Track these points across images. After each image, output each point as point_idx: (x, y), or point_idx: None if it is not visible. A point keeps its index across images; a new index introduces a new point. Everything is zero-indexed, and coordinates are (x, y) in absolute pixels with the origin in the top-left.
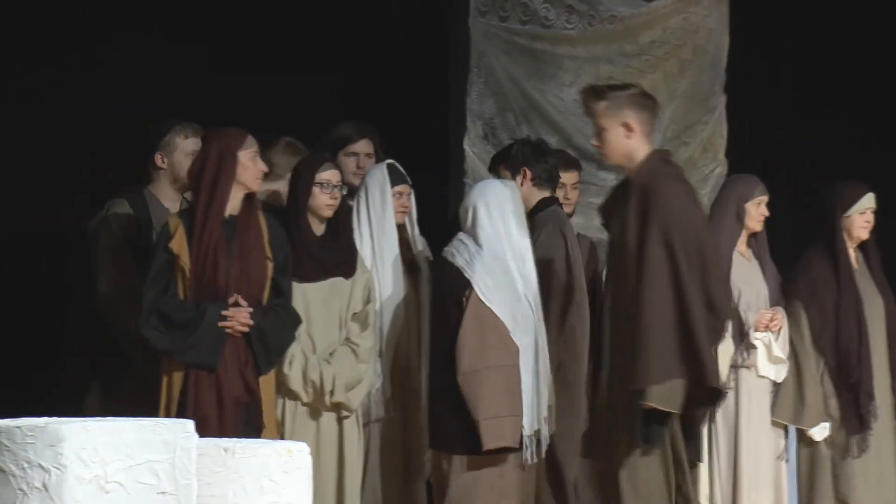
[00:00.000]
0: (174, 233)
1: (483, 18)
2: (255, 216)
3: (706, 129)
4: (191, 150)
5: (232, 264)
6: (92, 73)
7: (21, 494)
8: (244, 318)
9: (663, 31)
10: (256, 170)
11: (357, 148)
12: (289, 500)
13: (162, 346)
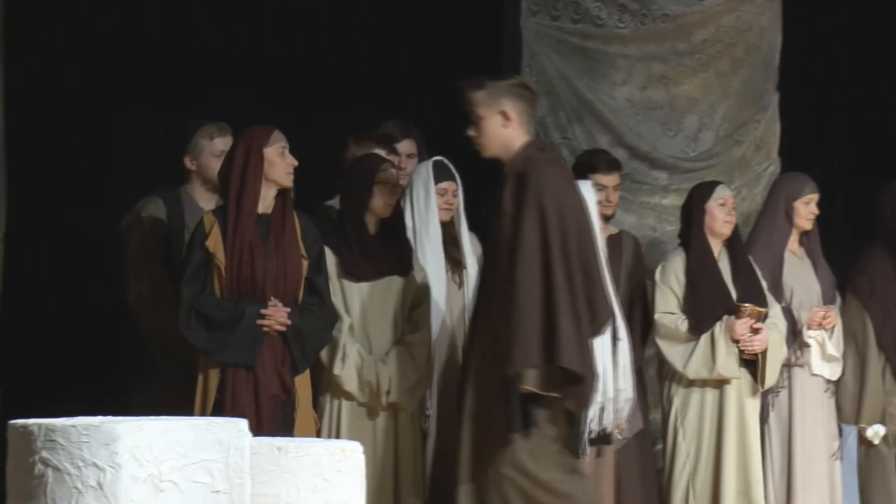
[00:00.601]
0: (209, 231)
1: (535, 18)
2: (290, 213)
3: (759, 127)
4: (219, 150)
5: (269, 262)
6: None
7: (76, 493)
8: (282, 317)
9: (716, 29)
10: (285, 165)
11: (400, 148)
12: (342, 499)
13: (201, 345)
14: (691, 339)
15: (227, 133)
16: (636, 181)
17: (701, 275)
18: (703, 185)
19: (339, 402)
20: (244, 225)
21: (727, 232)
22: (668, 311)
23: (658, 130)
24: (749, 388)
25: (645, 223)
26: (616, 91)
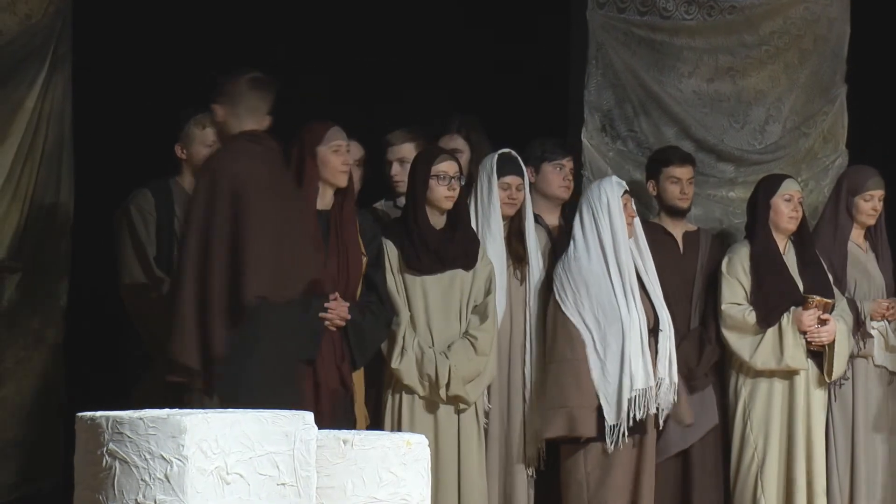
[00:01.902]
0: None
1: (601, 10)
2: (349, 211)
3: (827, 119)
4: (211, 140)
5: (330, 259)
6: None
7: (144, 485)
8: (343, 312)
9: (784, 21)
10: (339, 163)
11: (446, 143)
12: (407, 491)
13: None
14: (759, 331)
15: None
16: (703, 174)
17: (766, 267)
18: (769, 178)
19: (401, 395)
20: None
21: (792, 227)
22: (734, 303)
23: (725, 123)
24: (816, 380)
25: (712, 216)
26: (683, 83)
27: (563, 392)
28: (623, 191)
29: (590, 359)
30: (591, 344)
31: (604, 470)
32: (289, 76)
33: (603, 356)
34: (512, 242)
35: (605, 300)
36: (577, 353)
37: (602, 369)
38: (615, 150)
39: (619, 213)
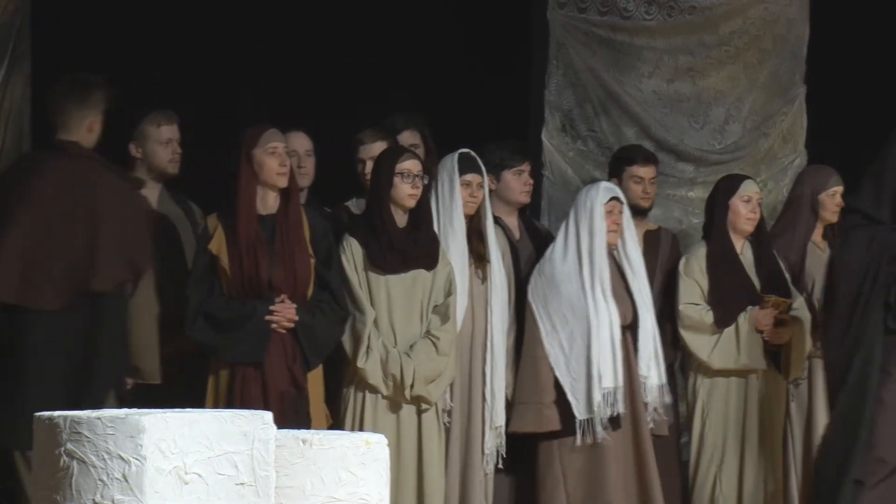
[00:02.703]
0: (213, 233)
1: (562, 10)
2: (295, 213)
3: (786, 119)
4: (165, 138)
5: (275, 262)
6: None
7: (102, 485)
8: (290, 313)
9: (743, 21)
10: (276, 165)
11: (401, 138)
12: (367, 491)
13: (210, 346)
14: (716, 330)
15: (174, 121)
16: (663, 174)
17: (723, 268)
18: (728, 179)
19: (363, 394)
20: (245, 226)
21: (750, 228)
22: (692, 303)
23: (685, 123)
24: (774, 379)
25: (672, 216)
26: (643, 83)
27: (531, 388)
28: (610, 197)
29: (555, 356)
30: (557, 341)
31: (587, 464)
32: (251, 75)
33: (569, 353)
34: (473, 241)
35: (574, 299)
36: (545, 350)
37: (567, 366)
38: (575, 149)
39: (600, 216)
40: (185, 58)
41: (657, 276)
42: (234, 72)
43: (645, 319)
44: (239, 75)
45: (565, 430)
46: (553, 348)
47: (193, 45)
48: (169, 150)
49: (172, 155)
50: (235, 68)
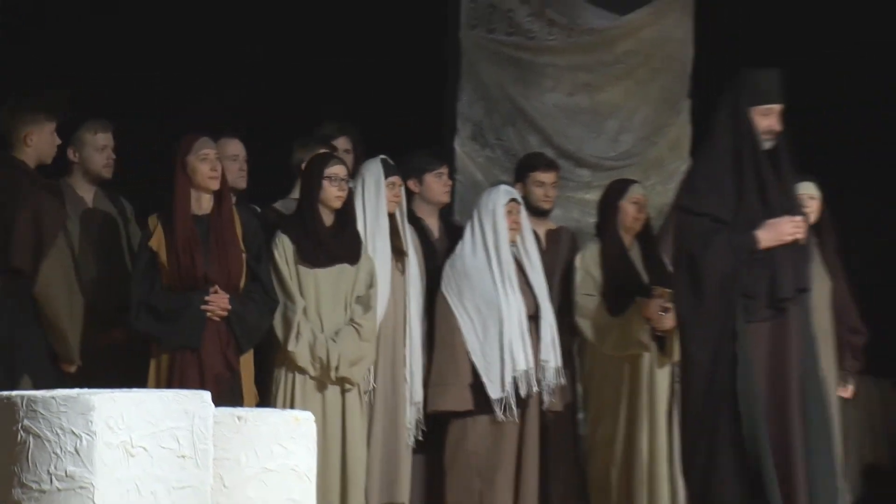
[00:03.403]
0: (153, 232)
1: (473, 31)
2: (227, 213)
3: (673, 130)
4: (101, 144)
5: (210, 258)
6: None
7: (55, 458)
8: (223, 303)
9: (636, 42)
10: (207, 170)
11: (336, 144)
12: (296, 463)
13: (152, 335)
14: (608, 319)
15: (109, 129)
16: (563, 178)
17: (614, 262)
18: (618, 183)
19: (293, 376)
20: (181, 226)
21: (637, 227)
22: (587, 294)
23: (583, 133)
24: (659, 363)
25: (570, 216)
26: (545, 97)
27: (450, 371)
28: (509, 198)
29: (472, 342)
30: (471, 329)
31: (493, 441)
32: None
33: (483, 339)
34: (393, 238)
35: (486, 291)
36: (461, 337)
37: (482, 351)
38: (484, 156)
39: (502, 216)
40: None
41: (558, 269)
42: (180, 83)
43: (545, 309)
44: (184, 87)
45: (477, 410)
46: (469, 335)
47: (114, 52)
48: (104, 155)
49: (107, 160)
50: (181, 80)
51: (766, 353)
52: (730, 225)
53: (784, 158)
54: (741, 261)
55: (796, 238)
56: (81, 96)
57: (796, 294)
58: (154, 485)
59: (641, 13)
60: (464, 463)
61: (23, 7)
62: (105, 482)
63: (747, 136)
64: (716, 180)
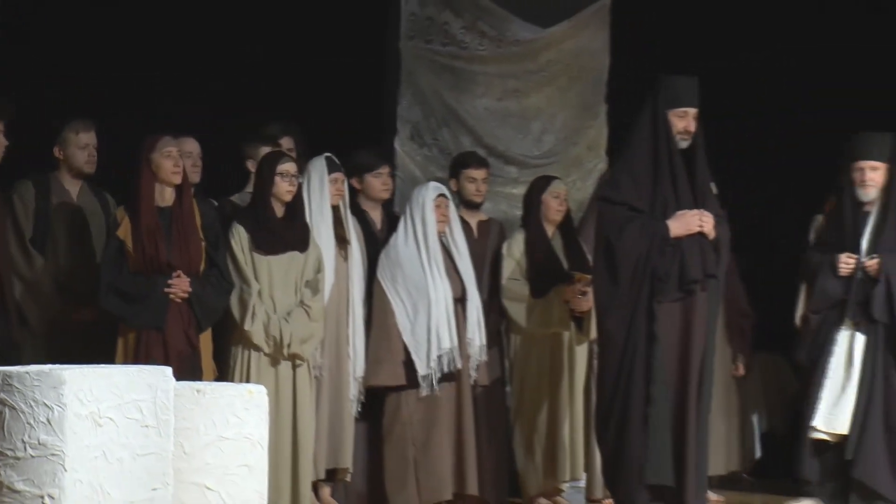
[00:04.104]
0: (121, 222)
1: (411, 42)
2: (188, 204)
3: (591, 132)
4: (83, 143)
5: (172, 246)
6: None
7: (29, 427)
8: (185, 286)
9: (557, 52)
10: (170, 166)
11: (281, 143)
12: (250, 431)
13: (120, 315)
14: (532, 301)
15: (91, 129)
16: (492, 174)
17: (538, 250)
18: (541, 179)
19: (249, 353)
20: (146, 217)
21: (558, 219)
22: (513, 278)
23: (510, 134)
24: (577, 339)
25: (499, 208)
26: (477, 102)
27: (385, 350)
28: (438, 194)
29: (403, 324)
30: (403, 312)
31: (426, 412)
32: (159, 85)
33: (413, 321)
34: (337, 228)
35: (416, 277)
36: (394, 319)
37: (412, 331)
38: (422, 154)
39: (431, 210)
40: (91, 67)
41: (488, 257)
42: (144, 85)
43: (471, 293)
44: (146, 88)
45: (410, 384)
46: (401, 317)
47: (100, 55)
48: (85, 153)
49: (89, 157)
50: (141, 82)
51: (676, 331)
52: (645, 214)
53: (698, 157)
54: (653, 246)
55: (703, 229)
56: (65, 95)
57: (704, 278)
58: (120, 452)
59: (562, 26)
60: (399, 433)
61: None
62: (75, 449)
63: (664, 135)
64: (635, 174)
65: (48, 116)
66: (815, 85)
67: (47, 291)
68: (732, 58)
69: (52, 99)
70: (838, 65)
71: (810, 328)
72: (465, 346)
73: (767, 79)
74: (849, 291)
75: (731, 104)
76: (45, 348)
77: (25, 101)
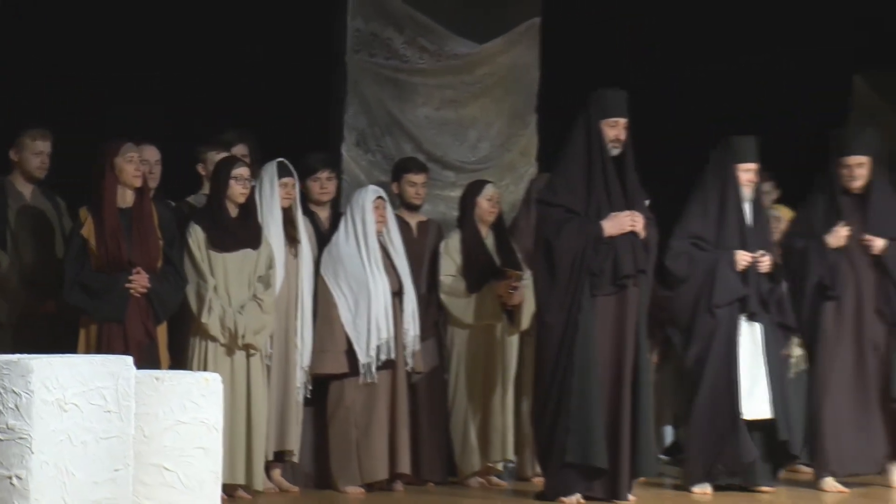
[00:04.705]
0: (84, 222)
1: (357, 55)
2: (147, 206)
3: (522, 139)
4: (38, 150)
5: (132, 245)
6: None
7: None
8: (144, 282)
9: (492, 66)
10: (132, 169)
11: (235, 151)
12: (206, 416)
13: (84, 309)
14: (467, 295)
15: (48, 139)
16: (431, 179)
17: (472, 249)
18: (475, 183)
19: (206, 343)
20: (108, 218)
21: (491, 220)
22: (450, 274)
23: (448, 141)
24: (509, 331)
25: (438, 210)
26: (418, 111)
27: (329, 340)
28: (377, 196)
29: (345, 316)
30: (345, 305)
31: (367, 397)
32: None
33: (354, 313)
34: (287, 227)
35: (357, 273)
36: (337, 311)
37: (354, 323)
38: (367, 160)
39: (370, 211)
40: (43, 74)
41: (427, 255)
42: (102, 92)
43: (407, 287)
44: (109, 98)
45: (352, 372)
46: (343, 310)
47: (52, 61)
48: (38, 160)
49: (41, 164)
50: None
51: (610, 322)
52: (580, 216)
53: (628, 163)
54: (589, 245)
55: (635, 228)
56: (19, 101)
57: (636, 273)
58: (84, 435)
59: (496, 42)
60: (342, 417)
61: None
62: (41, 433)
63: (597, 144)
64: (570, 179)
65: (1, 121)
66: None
67: (13, 287)
68: (653, 76)
69: (6, 104)
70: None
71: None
72: (401, 337)
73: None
74: (748, 286)
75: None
76: (13, 339)
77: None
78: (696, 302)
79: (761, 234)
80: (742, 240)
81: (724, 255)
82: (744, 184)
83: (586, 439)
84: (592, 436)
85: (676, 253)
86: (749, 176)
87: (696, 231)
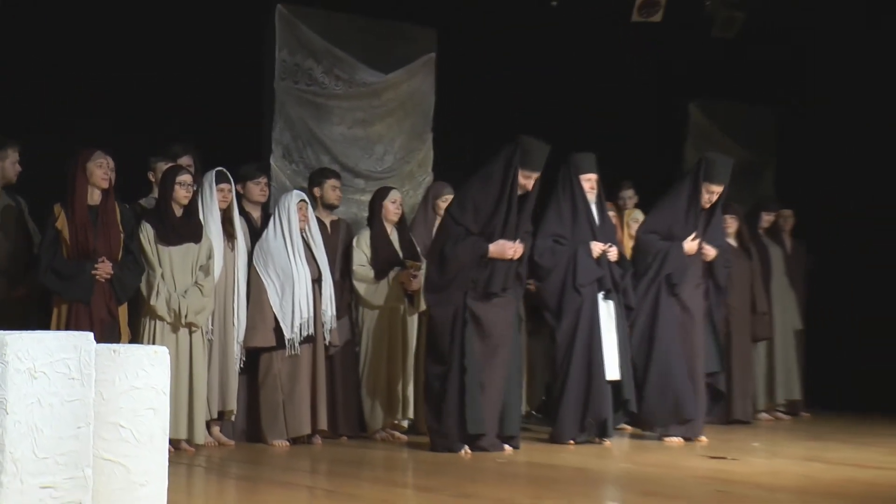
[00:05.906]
0: (58, 216)
1: (283, 82)
2: (111, 204)
3: (420, 153)
4: (13, 161)
5: (98, 236)
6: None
7: None
8: (107, 269)
9: (395, 92)
10: (101, 173)
11: (181, 161)
12: (155, 382)
13: (56, 290)
14: (375, 282)
15: (17, 150)
16: (345, 185)
17: (379, 243)
18: (382, 189)
19: (155, 322)
20: (79, 213)
21: (395, 219)
22: (361, 265)
23: (359, 154)
24: (410, 311)
25: (350, 211)
26: (334, 129)
27: (259, 319)
28: (300, 199)
29: (273, 299)
30: (273, 290)
31: (291, 367)
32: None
33: (281, 296)
34: (226, 225)
35: (283, 263)
36: (266, 295)
37: (280, 305)
38: (291, 169)
39: (294, 212)
40: (27, 85)
41: (340, 247)
42: (67, 107)
43: (325, 275)
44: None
45: (279, 346)
46: (272, 294)
47: (38, 71)
48: (14, 168)
49: (15, 171)
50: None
51: (490, 317)
52: (475, 235)
53: (529, 204)
54: (474, 260)
55: (514, 257)
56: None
57: (502, 290)
58: (51, 399)
59: (399, 73)
60: (270, 383)
61: None
62: (15, 397)
63: (510, 186)
64: (479, 205)
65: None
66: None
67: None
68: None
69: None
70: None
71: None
72: (320, 316)
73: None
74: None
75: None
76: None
77: None
78: (563, 285)
79: (607, 230)
80: (593, 235)
81: (581, 245)
82: (587, 190)
83: (470, 412)
84: (473, 405)
85: (542, 250)
86: (590, 184)
87: (555, 230)
